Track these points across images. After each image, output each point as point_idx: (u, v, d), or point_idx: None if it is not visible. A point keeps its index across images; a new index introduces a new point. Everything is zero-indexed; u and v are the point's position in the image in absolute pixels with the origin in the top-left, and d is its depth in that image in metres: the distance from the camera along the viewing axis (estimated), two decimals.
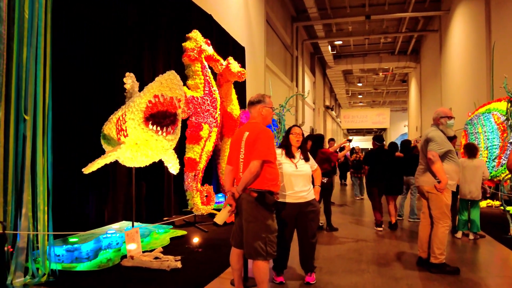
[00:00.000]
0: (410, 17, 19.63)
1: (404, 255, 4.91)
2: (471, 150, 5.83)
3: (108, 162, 4.36)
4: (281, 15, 17.99)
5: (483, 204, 8.77)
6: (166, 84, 3.84)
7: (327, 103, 35.26)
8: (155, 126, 3.89)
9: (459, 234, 5.84)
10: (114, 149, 4.17)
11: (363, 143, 40.66)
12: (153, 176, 6.71)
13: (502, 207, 5.71)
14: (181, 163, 5.76)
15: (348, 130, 43.84)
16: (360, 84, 34.86)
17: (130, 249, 4.54)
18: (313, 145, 6.48)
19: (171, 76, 3.93)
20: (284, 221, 3.76)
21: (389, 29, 21.55)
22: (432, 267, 4.25)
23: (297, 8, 19.40)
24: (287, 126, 18.23)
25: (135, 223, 5.19)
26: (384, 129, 38.49)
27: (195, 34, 6.48)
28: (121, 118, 4.15)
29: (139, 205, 6.43)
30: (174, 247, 5.12)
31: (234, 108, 7.58)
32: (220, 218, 3.13)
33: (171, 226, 6.14)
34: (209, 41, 6.82)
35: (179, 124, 4.15)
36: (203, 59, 6.56)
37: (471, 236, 5.75)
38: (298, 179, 3.79)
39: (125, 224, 5.78)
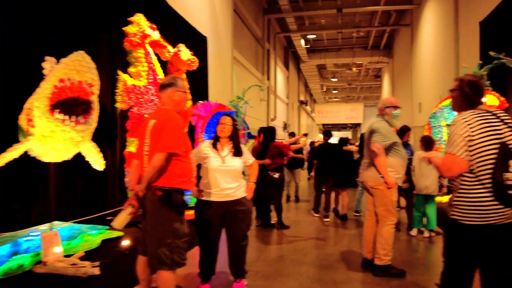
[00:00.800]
0: (383, 11, 19.48)
1: (352, 255, 4.59)
2: (427, 143, 5.56)
3: (16, 156, 3.85)
4: (252, 6, 17.52)
5: (441, 199, 8.58)
6: (72, 66, 3.37)
7: (302, 98, 35.07)
8: (62, 114, 3.40)
9: (414, 232, 5.57)
10: (22, 141, 3.66)
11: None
12: (94, 171, 6.19)
13: None
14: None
15: (323, 125, 43.83)
16: (334, 79, 34.78)
17: (47, 254, 4.05)
18: (265, 138, 6.11)
19: (78, 57, 3.45)
20: (210, 221, 3.37)
21: (362, 23, 21.39)
22: (376, 269, 3.93)
23: (268, 0, 18.98)
24: (256, 121, 17.88)
25: (67, 224, 4.70)
26: (358, 124, 38.62)
27: (138, 18, 5.96)
28: (30, 107, 3.65)
29: (75, 204, 5.90)
30: (104, 250, 4.65)
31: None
32: (118, 222, 2.68)
33: (107, 227, 5.65)
34: (154, 26, 6.32)
35: (95, 114, 3.68)
36: (147, 45, 6.06)
37: (426, 234, 5.49)
38: (224, 175, 3.38)
39: (56, 224, 5.26)
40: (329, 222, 6.68)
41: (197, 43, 10.64)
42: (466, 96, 2.29)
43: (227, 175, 3.38)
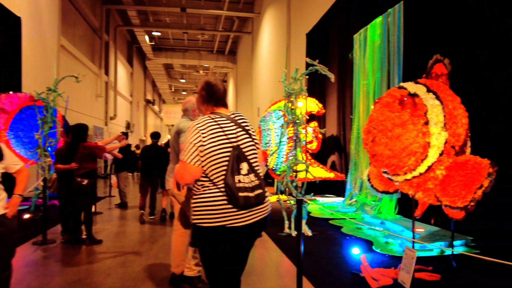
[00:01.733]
0: (227, 17, 19.93)
1: (164, 270, 4.12)
2: None
3: None
4: None
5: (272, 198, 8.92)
6: None
7: (149, 97, 33.77)
8: None
9: None
10: None
11: None
12: None
13: (290, 202, 5.55)
14: None
15: (172, 126, 43.10)
16: (183, 81, 34.52)
17: None
18: (74, 138, 5.22)
19: None
20: None
21: (207, 26, 21.54)
22: (184, 282, 3.54)
23: None
24: (92, 119, 16.16)
25: None
26: None
27: None
28: None
29: None
30: None
31: None
32: None
33: None
34: None
35: None
36: None
37: None
38: None
39: None
40: (154, 228, 6.16)
41: (7, 23, 8.90)
42: (203, 98, 2.28)
43: None
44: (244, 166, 2.07)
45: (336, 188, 9.01)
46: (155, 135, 7.35)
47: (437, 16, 5.36)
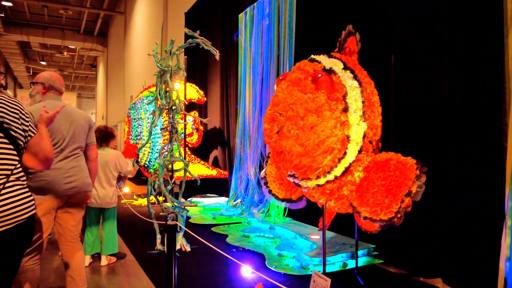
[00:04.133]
0: None
1: None
2: (104, 136, 4.19)
3: None
4: None
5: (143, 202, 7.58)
6: None
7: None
8: None
9: (86, 261, 4.05)
10: None
11: None
12: None
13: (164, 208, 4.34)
14: None
15: None
16: (43, 63, 30.02)
17: None
18: None
19: None
20: None
21: (71, 0, 18.68)
22: None
23: None
24: None
25: None
26: None
27: None
28: None
29: None
30: None
31: None
32: None
33: None
34: None
35: None
36: None
37: (105, 261, 4.09)
38: None
39: None
40: None
41: None
42: None
43: None
44: None
45: (218, 187, 8.10)
46: None
47: None
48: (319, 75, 2.27)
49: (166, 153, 4.56)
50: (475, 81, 3.30)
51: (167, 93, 4.40)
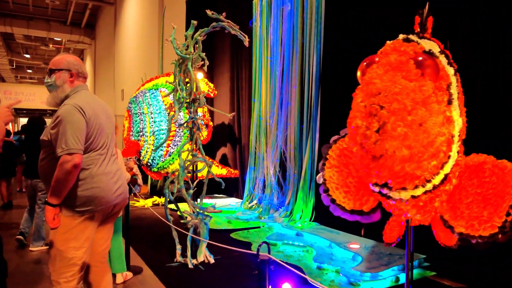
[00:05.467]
0: None
1: None
2: None
3: None
4: None
5: (148, 203, 7.01)
6: None
7: None
8: None
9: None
10: None
11: None
12: None
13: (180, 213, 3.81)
14: None
15: (16, 110, 36.14)
16: (28, 56, 28.87)
17: None
18: None
19: None
20: None
21: None
22: None
23: None
24: None
25: None
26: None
27: None
28: None
29: None
30: None
31: None
32: None
33: None
34: None
35: None
36: None
37: (120, 278, 3.56)
38: None
39: None
40: None
41: None
42: None
43: None
44: None
45: (227, 187, 7.58)
46: None
47: None
48: (423, 58, 1.78)
49: (185, 152, 4.05)
50: (494, 72, 3.28)
51: (188, 85, 3.86)
